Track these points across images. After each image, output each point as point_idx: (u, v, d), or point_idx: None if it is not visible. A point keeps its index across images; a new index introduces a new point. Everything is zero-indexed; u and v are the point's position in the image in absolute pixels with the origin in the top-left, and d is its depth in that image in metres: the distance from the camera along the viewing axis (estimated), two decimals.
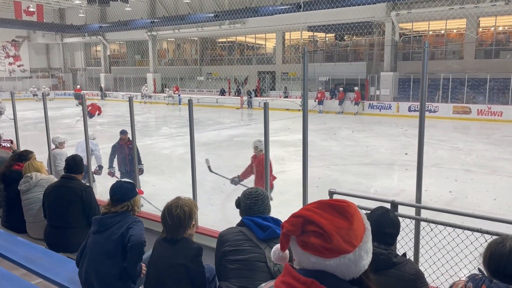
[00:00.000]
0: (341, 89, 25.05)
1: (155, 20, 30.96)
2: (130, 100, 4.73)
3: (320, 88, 25.71)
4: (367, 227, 1.07)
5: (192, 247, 2.48)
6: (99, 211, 3.57)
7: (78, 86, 36.43)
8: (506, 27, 23.14)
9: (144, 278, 2.61)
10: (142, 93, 33.22)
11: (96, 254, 2.74)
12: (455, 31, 24.61)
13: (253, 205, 2.45)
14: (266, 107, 3.97)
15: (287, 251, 1.14)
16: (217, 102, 28.70)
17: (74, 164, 3.79)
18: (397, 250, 3.30)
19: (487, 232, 2.85)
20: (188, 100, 4.28)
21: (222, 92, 31.53)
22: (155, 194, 7.17)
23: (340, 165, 11.21)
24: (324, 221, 1.02)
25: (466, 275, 2.03)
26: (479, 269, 2.03)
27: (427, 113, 18.64)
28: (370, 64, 25.94)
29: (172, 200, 2.56)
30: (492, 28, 23.35)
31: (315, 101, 24.73)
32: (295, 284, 1.01)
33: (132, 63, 39.39)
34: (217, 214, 7.01)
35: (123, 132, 7.68)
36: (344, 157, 12.35)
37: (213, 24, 29.42)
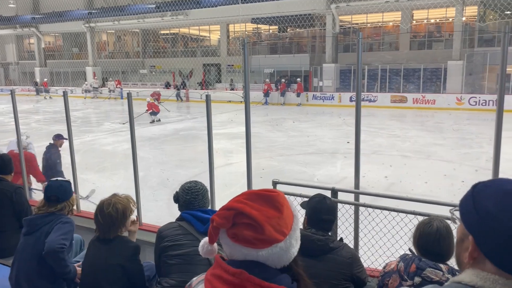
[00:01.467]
0: (282, 80, 25.40)
1: (93, 11, 29.65)
2: (65, 95, 4.50)
3: (266, 80, 25.91)
4: (295, 214, 1.09)
5: (128, 246, 2.43)
6: (31, 212, 3.39)
7: (45, 80, 34.11)
8: (438, 20, 24.52)
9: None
10: (83, 88, 31.74)
11: (26, 256, 2.61)
12: (391, 23, 25.74)
13: (193, 200, 2.42)
14: (208, 99, 3.94)
15: (215, 244, 1.14)
16: (184, 96, 28.25)
17: (2, 164, 3.56)
18: (338, 235, 3.43)
19: (420, 214, 3.02)
20: (127, 93, 4.15)
21: (167, 85, 30.90)
22: (96, 192, 6.90)
23: (285, 156, 11.41)
24: (255, 212, 1.02)
25: (399, 255, 2.14)
26: (410, 249, 2.15)
27: (366, 103, 19.26)
28: (312, 56, 26.51)
29: (106, 198, 2.49)
30: (425, 21, 24.67)
31: (263, 93, 24.93)
32: (225, 275, 1.01)
33: (69, 56, 37.50)
34: (162, 210, 6.88)
35: (58, 137, 6.95)
36: (289, 147, 12.57)
37: (155, 15, 28.66)
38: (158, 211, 6.68)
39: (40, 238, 2.59)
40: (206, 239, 1.15)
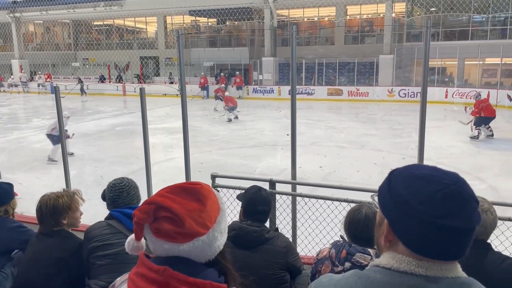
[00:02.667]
0: (221, 74, 25.32)
1: (18, 0, 27.61)
2: None
3: (202, 73, 25.62)
4: (221, 207, 1.08)
5: (72, 241, 2.35)
6: None
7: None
8: (369, 15, 25.62)
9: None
10: (8, 82, 29.53)
11: None
12: (326, 18, 26.49)
13: (116, 198, 2.34)
14: (142, 92, 3.83)
15: (143, 240, 1.11)
16: (88, 89, 27.01)
17: None
18: (276, 225, 3.50)
19: (352, 201, 3.15)
20: (54, 87, 3.93)
21: (102, 79, 29.62)
22: (26, 192, 6.47)
23: (226, 149, 11.41)
24: (175, 206, 1.00)
25: (330, 242, 2.22)
26: (341, 235, 2.24)
27: (305, 96, 19.76)
28: (252, 49, 26.64)
29: (50, 192, 2.45)
30: (358, 16, 25.67)
31: (199, 87, 24.64)
32: (148, 273, 0.98)
33: None
34: (97, 209, 6.61)
35: None
36: (231, 140, 12.60)
37: (87, 5, 27.31)
38: (92, 210, 6.39)
39: None
40: (132, 235, 1.11)
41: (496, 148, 10.98)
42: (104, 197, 2.42)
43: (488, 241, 2.05)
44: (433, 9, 21.41)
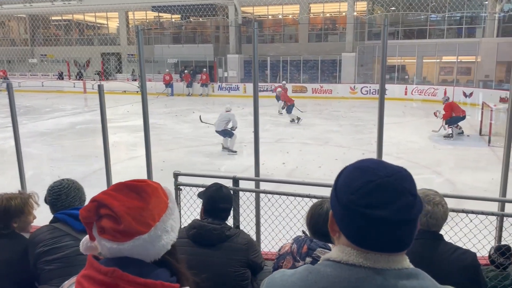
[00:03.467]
0: (185, 71, 25.05)
1: None
2: None
3: (167, 70, 25.26)
4: (170, 206, 1.06)
5: (20, 242, 2.25)
6: None
7: None
8: (332, 13, 26.03)
9: None
10: None
11: None
12: (291, 16, 26.70)
13: (55, 201, 2.25)
14: (101, 89, 3.73)
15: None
16: (42, 86, 25.87)
17: None
18: (240, 222, 3.50)
19: (314, 197, 3.20)
20: (7, 84, 3.76)
21: (61, 76, 28.61)
22: None
23: (191, 147, 11.30)
24: (115, 203, 0.98)
25: (292, 238, 2.24)
26: (303, 231, 2.26)
27: (270, 93, 19.81)
28: (216, 46, 26.49)
29: (2, 193, 2.35)
30: (321, 14, 26.03)
31: (164, 84, 24.27)
32: (96, 275, 0.96)
33: None
34: None
35: None
36: (196, 138, 12.49)
37: (44, 0, 26.25)
38: (48, 212, 6.18)
39: None
40: (87, 235, 1.09)
41: (452, 143, 11.44)
42: (45, 201, 2.33)
43: (442, 232, 2.13)
44: (392, 8, 21.99)
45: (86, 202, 2.32)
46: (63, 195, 2.26)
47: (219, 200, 2.30)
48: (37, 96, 22.58)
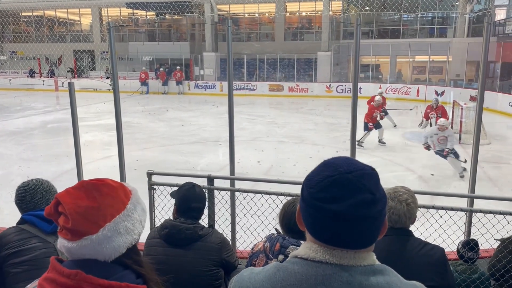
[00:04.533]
0: (161, 69, 24.77)
1: None
2: None
3: (143, 68, 24.93)
4: (128, 207, 1.04)
5: None
6: None
7: None
8: (308, 12, 26.22)
9: None
10: None
11: None
12: (267, 14, 26.75)
13: (19, 202, 2.17)
14: (71, 87, 3.65)
15: None
16: (10, 83, 25.09)
17: None
18: (215, 221, 3.48)
19: (289, 195, 3.21)
20: None
21: (32, 73, 27.82)
22: None
23: (167, 146, 11.19)
24: (68, 201, 0.98)
25: (265, 236, 2.24)
26: (275, 229, 2.26)
27: (247, 91, 19.81)
28: (192, 44, 26.28)
29: None
30: (297, 13, 26.18)
31: (140, 81, 23.94)
32: (59, 278, 0.94)
33: None
34: None
35: None
36: (172, 137, 12.36)
37: None
38: (18, 213, 6.01)
39: None
40: None
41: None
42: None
43: (413, 228, 2.17)
44: (367, 8, 22.33)
45: None
46: (28, 196, 2.17)
47: (191, 200, 2.28)
48: (5, 94, 21.91)
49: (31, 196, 2.17)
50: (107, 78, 25.28)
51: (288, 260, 0.96)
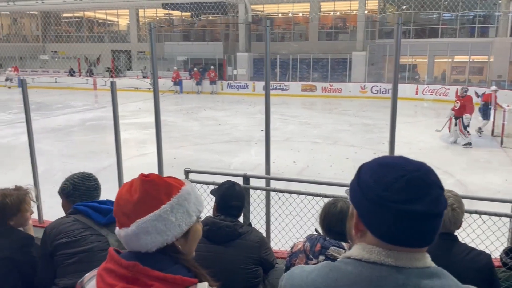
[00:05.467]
0: (195, 69, 25.09)
1: None
2: None
3: (175, 68, 25.30)
4: (163, 208, 1.04)
5: (18, 237, 2.22)
6: None
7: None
8: (343, 12, 25.90)
9: None
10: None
11: None
12: (301, 14, 26.63)
13: (79, 186, 2.21)
14: (113, 86, 3.74)
15: None
16: (56, 82, 26.09)
17: None
18: (250, 220, 3.50)
19: (325, 196, 3.19)
20: (21, 80, 3.80)
21: (72, 73, 28.85)
22: None
23: (200, 145, 11.32)
24: (120, 191, 1.06)
25: (305, 236, 2.23)
26: (315, 229, 2.25)
27: (279, 91, 19.76)
28: (226, 44, 26.51)
29: None
30: (332, 13, 25.91)
31: (172, 81, 24.35)
32: (117, 269, 0.98)
33: None
34: None
35: None
36: (205, 136, 12.50)
37: None
38: (60, 208, 6.23)
39: None
40: None
41: (460, 145, 11.32)
42: (63, 190, 2.24)
43: (455, 233, 2.11)
44: (404, 6, 21.84)
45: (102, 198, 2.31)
46: (86, 183, 2.23)
47: (232, 198, 2.30)
48: (48, 93, 22.80)
49: (87, 186, 2.23)
50: (144, 77, 25.93)
51: (341, 261, 0.95)
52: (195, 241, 1.14)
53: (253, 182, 3.64)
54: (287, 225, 3.56)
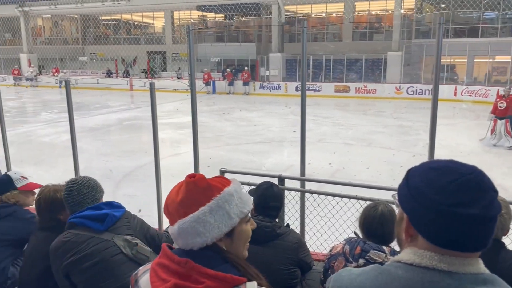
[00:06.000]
0: (228, 70, 25.27)
1: None
2: None
3: (205, 69, 25.53)
4: (202, 210, 1.05)
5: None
6: None
7: None
8: (378, 11, 25.43)
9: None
10: (26, 76, 29.58)
11: None
12: (334, 14, 26.35)
13: (66, 197, 2.13)
14: (152, 87, 3.83)
15: None
16: (98, 83, 26.97)
17: None
18: (284, 221, 3.49)
19: (362, 198, 3.14)
20: (65, 81, 3.95)
21: (109, 74, 29.72)
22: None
23: (233, 145, 11.41)
24: (171, 191, 1.11)
25: (345, 238, 2.21)
26: (355, 232, 2.23)
27: (312, 92, 19.68)
28: (259, 45, 26.57)
29: (50, 184, 2.42)
30: (367, 12, 25.50)
31: (203, 82, 24.63)
32: (170, 264, 1.01)
33: (1, 42, 34.92)
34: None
35: None
36: (238, 136, 12.58)
37: (95, 0, 27.36)
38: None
39: None
40: None
41: (504, 147, 10.89)
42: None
43: (502, 240, 2.04)
44: (443, 5, 21.21)
45: (105, 199, 2.24)
46: (74, 191, 2.14)
47: (270, 198, 2.31)
48: (86, 93, 23.56)
49: (77, 191, 2.14)
50: (178, 78, 26.39)
51: (390, 264, 0.94)
52: (242, 242, 1.14)
53: (287, 183, 3.63)
54: (322, 227, 3.54)
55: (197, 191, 1.06)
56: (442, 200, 0.85)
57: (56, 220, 2.27)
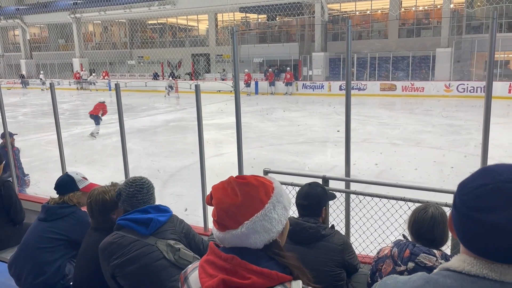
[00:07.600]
0: (270, 70, 25.28)
1: (78, 2, 29.12)
2: (52, 87, 4.44)
3: (246, 70, 25.65)
4: (266, 207, 1.06)
5: None
6: (21, 205, 3.35)
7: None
8: (426, 7, 24.56)
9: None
10: (88, 80, 30.97)
11: (33, 241, 2.59)
12: (379, 11, 25.72)
13: (137, 193, 2.17)
14: (197, 89, 3.90)
15: None
16: (146, 86, 27.77)
17: None
18: (329, 222, 3.45)
19: (410, 200, 3.04)
20: (115, 84, 4.11)
21: (155, 76, 30.61)
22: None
23: (276, 145, 11.41)
24: (217, 196, 1.07)
25: (392, 241, 2.16)
26: (403, 235, 2.17)
27: (356, 91, 19.35)
28: (302, 45, 26.42)
29: (98, 187, 2.49)
30: (413, 8, 24.69)
31: (244, 83, 24.79)
32: (217, 261, 1.04)
33: (55, 47, 36.89)
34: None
35: (3, 136, 5.66)
36: (280, 137, 12.57)
37: (142, 5, 28.30)
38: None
39: (52, 227, 2.61)
40: None
41: None
42: (119, 194, 2.26)
43: None
44: None
45: (157, 202, 2.29)
46: (144, 189, 2.21)
47: (314, 198, 2.29)
48: (133, 95, 24.38)
49: (147, 190, 2.23)
50: (222, 79, 26.75)
51: (438, 272, 0.89)
52: (286, 235, 1.18)
53: (331, 184, 3.58)
54: (368, 229, 3.46)
55: (256, 190, 1.08)
56: (465, 202, 0.82)
57: (109, 221, 2.34)
